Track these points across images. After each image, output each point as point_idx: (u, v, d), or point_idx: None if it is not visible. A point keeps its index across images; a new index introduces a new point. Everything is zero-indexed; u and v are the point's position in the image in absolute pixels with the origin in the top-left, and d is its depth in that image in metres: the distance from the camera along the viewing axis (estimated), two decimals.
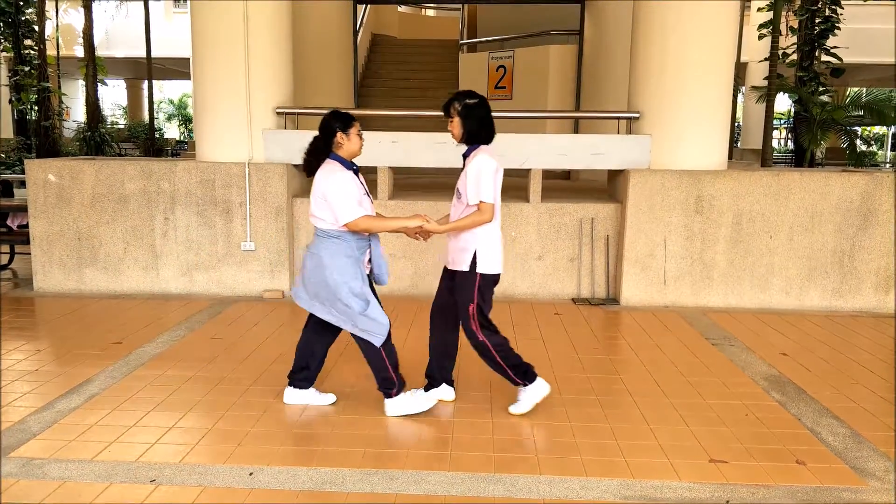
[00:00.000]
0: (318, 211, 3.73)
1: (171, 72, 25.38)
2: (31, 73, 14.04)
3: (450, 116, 3.82)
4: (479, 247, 3.76)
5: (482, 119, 3.79)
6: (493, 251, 3.81)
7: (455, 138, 3.86)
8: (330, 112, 3.83)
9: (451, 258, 3.88)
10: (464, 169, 3.82)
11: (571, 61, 10.79)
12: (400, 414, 3.89)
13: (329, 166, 3.71)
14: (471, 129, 3.78)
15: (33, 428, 3.68)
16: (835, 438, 3.71)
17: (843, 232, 6.33)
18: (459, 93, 3.88)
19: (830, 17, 11.50)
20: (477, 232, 3.76)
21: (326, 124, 3.75)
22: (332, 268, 3.72)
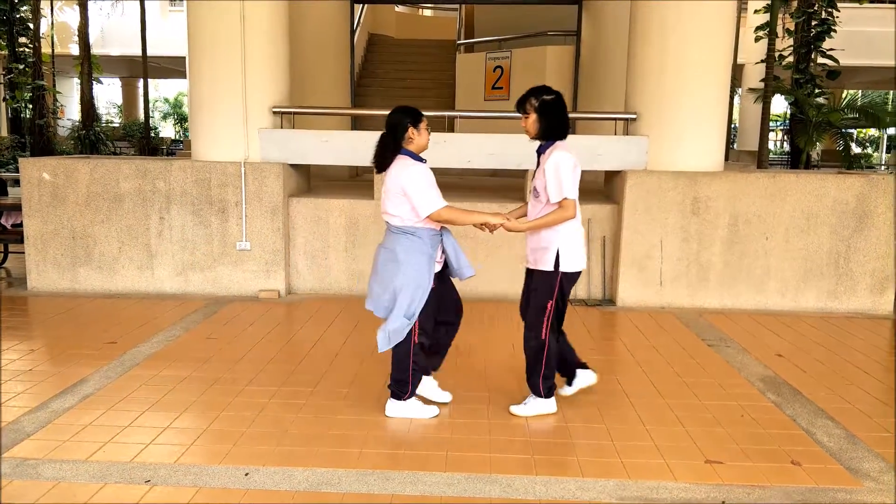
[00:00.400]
0: (392, 207, 3.70)
1: (167, 70, 25.31)
2: (26, 70, 14.01)
3: (525, 113, 3.78)
4: (561, 245, 3.73)
5: (559, 115, 3.76)
6: (575, 248, 3.78)
7: (529, 135, 3.84)
8: (398, 108, 3.82)
9: (533, 258, 3.84)
10: (539, 166, 3.80)
11: (569, 62, 10.80)
12: (398, 416, 3.87)
13: (402, 161, 3.71)
14: (548, 125, 3.75)
15: (27, 428, 3.66)
16: (830, 439, 3.71)
17: (839, 234, 6.35)
18: (535, 88, 3.82)
19: (827, 20, 11.54)
20: (559, 230, 3.73)
21: (398, 119, 3.74)
22: (407, 264, 3.68)
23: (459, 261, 3.86)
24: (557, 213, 3.68)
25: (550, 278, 3.75)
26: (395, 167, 3.70)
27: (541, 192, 3.76)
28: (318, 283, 6.76)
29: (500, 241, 6.59)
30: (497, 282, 6.63)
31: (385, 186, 3.73)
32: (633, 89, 6.69)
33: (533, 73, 11.11)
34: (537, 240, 3.80)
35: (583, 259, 3.84)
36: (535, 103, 3.74)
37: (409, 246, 3.69)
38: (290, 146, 6.61)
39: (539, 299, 3.79)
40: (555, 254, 3.72)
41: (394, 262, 3.69)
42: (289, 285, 6.73)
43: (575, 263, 3.78)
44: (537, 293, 3.80)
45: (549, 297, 3.76)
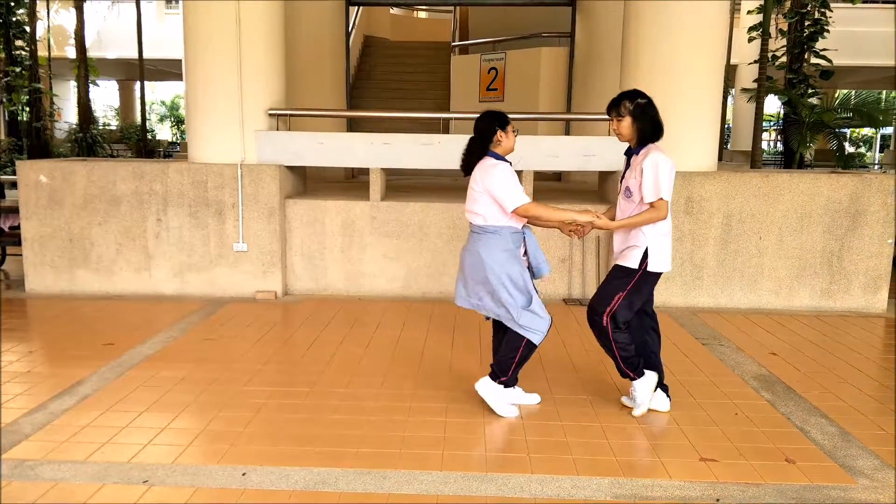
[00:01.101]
0: (476, 207, 3.80)
1: (164, 73, 25.32)
2: (23, 73, 14.01)
3: (619, 116, 3.80)
4: (650, 244, 3.75)
5: (654, 118, 3.79)
6: (665, 249, 3.80)
7: (622, 138, 3.85)
8: (486, 112, 3.88)
9: (621, 254, 3.86)
10: (629, 167, 3.83)
11: (563, 63, 10.83)
12: (486, 396, 3.93)
13: (486, 161, 3.81)
14: (643, 127, 3.76)
15: (25, 429, 3.67)
16: (824, 437, 3.74)
17: (832, 233, 6.39)
18: (628, 92, 3.85)
19: (819, 20, 11.59)
20: (650, 229, 3.75)
21: (488, 125, 3.82)
22: (490, 261, 3.78)
23: (537, 258, 3.96)
24: (650, 213, 3.69)
25: (631, 274, 3.79)
26: (479, 168, 3.82)
27: (634, 192, 3.77)
28: (315, 284, 6.78)
29: None
30: None
31: (469, 187, 3.84)
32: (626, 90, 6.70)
33: (527, 74, 11.15)
34: (627, 238, 3.82)
35: (669, 261, 3.88)
36: (630, 106, 3.77)
37: (492, 244, 3.80)
38: (286, 148, 6.63)
39: (610, 290, 3.83)
40: (643, 252, 3.75)
41: (479, 263, 3.82)
42: (286, 286, 6.75)
43: (662, 264, 3.82)
44: (610, 284, 3.85)
45: (622, 289, 3.79)
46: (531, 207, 3.73)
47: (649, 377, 3.94)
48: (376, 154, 6.66)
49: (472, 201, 3.83)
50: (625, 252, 3.84)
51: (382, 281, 6.74)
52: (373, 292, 6.75)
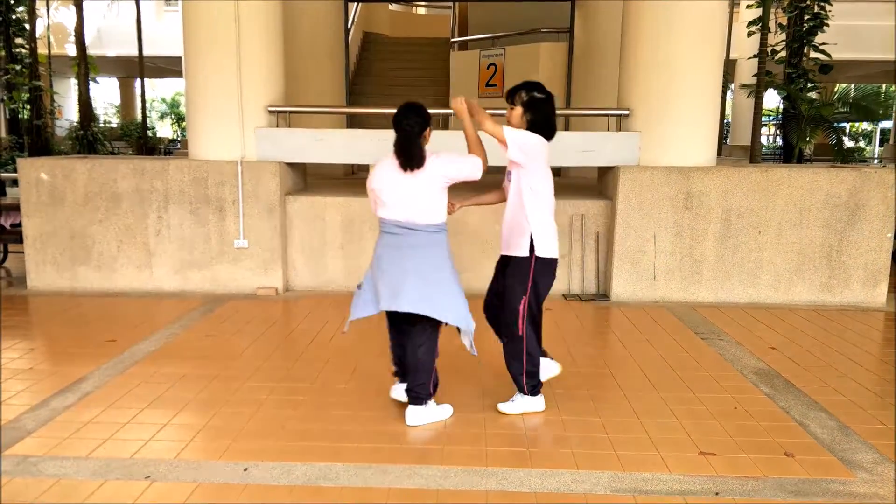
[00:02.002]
0: (430, 204, 3.68)
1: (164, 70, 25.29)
2: (23, 71, 13.99)
3: (513, 104, 3.77)
4: (534, 230, 3.72)
5: (548, 116, 3.76)
6: (549, 234, 3.78)
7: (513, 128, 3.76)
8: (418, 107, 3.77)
9: (508, 245, 3.85)
10: None
11: (562, 59, 10.82)
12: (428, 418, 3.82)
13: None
14: (533, 121, 3.72)
15: (28, 426, 3.69)
16: (823, 431, 3.76)
17: (832, 227, 6.40)
18: (529, 82, 3.81)
19: (819, 14, 11.58)
20: (532, 216, 3.71)
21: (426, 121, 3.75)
22: (447, 260, 3.75)
23: None
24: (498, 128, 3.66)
25: (525, 267, 3.75)
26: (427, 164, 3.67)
27: (514, 176, 3.78)
28: (315, 280, 6.80)
29: (495, 238, 6.61)
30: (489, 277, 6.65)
31: (411, 188, 3.63)
32: (625, 85, 6.73)
33: (526, 70, 11.12)
34: (512, 228, 3.80)
35: (556, 248, 3.82)
36: (525, 97, 3.73)
37: (443, 241, 3.77)
38: (286, 145, 6.64)
39: (513, 300, 3.78)
40: (528, 238, 3.73)
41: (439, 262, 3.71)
42: (286, 282, 6.76)
43: (549, 250, 3.77)
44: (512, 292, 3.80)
45: (524, 293, 3.75)
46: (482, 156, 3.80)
47: (538, 402, 3.92)
48: (376, 150, 6.66)
49: (427, 199, 3.65)
50: (510, 242, 3.81)
51: None
52: None
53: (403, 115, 3.68)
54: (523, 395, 3.92)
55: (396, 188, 3.64)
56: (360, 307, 3.74)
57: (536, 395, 3.92)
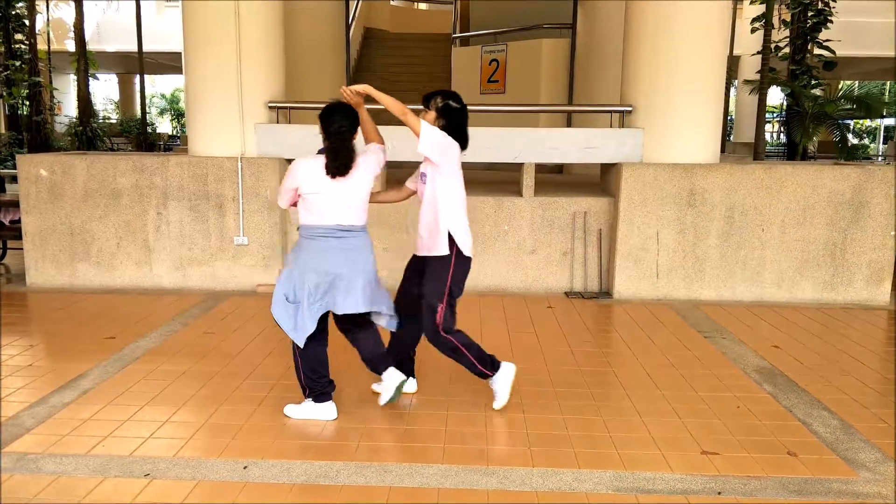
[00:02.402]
0: (363, 205, 3.71)
1: (163, 66, 25.28)
2: (22, 67, 13.97)
3: (427, 108, 3.81)
4: (451, 227, 3.74)
5: (461, 125, 3.81)
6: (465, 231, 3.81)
7: None
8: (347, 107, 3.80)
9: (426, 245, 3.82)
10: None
11: (564, 55, 10.78)
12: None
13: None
14: (446, 128, 3.75)
15: (27, 423, 3.68)
16: (826, 430, 3.73)
17: (835, 225, 6.37)
18: (447, 91, 3.87)
19: (823, 11, 11.53)
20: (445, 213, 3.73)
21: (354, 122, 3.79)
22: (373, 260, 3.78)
23: None
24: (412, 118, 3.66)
25: (445, 265, 3.75)
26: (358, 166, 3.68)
27: (428, 175, 3.78)
28: None
29: (497, 235, 6.61)
30: (491, 275, 6.65)
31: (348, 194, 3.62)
32: (628, 82, 6.70)
33: (528, 66, 11.10)
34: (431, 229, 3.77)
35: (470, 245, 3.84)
36: (440, 103, 3.77)
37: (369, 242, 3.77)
38: (286, 141, 6.62)
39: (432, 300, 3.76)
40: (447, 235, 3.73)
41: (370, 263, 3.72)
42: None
43: (467, 247, 3.80)
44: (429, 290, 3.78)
45: (442, 291, 3.75)
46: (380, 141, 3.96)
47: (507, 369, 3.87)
48: None
49: (361, 200, 3.67)
50: (430, 243, 3.78)
51: (382, 273, 6.66)
52: None
53: (335, 117, 3.64)
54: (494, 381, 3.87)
55: (332, 195, 3.59)
56: (309, 321, 3.59)
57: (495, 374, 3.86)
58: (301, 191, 3.61)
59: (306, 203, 3.62)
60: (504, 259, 6.64)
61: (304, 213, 3.65)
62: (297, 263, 3.64)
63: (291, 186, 3.64)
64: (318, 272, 3.58)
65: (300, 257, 3.64)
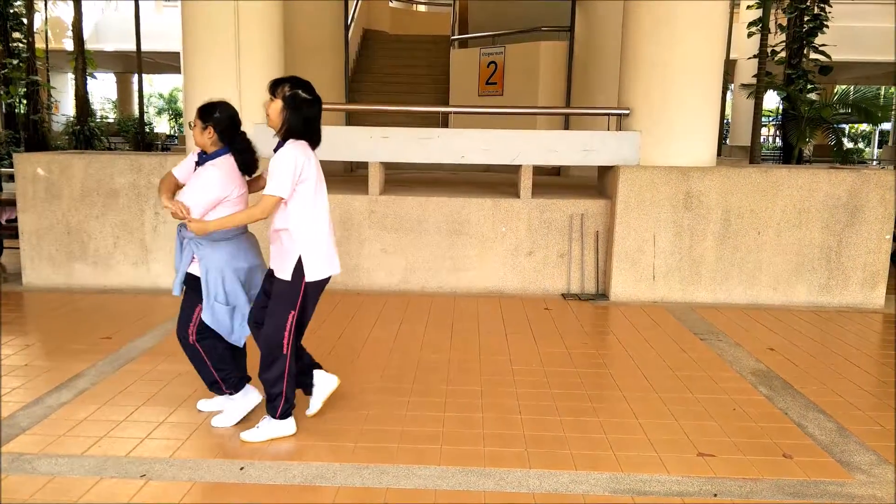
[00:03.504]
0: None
1: (162, 66, 25.25)
2: (20, 66, 13.96)
3: (273, 96, 3.32)
4: (304, 251, 3.38)
5: (308, 118, 3.33)
6: (322, 252, 3.45)
7: (270, 123, 3.36)
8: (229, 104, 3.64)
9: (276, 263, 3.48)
10: None
11: (562, 58, 10.81)
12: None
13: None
14: (291, 120, 3.30)
15: (23, 423, 3.67)
16: (821, 432, 3.75)
17: (831, 228, 6.39)
18: (296, 79, 3.35)
19: (819, 15, 11.58)
20: (300, 234, 3.37)
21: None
22: None
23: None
24: (252, 210, 3.33)
25: (294, 290, 3.42)
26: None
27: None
28: None
29: (495, 237, 6.62)
30: (489, 277, 6.66)
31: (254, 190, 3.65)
32: (625, 85, 6.71)
33: (526, 68, 11.12)
34: (280, 245, 3.43)
35: (333, 263, 3.54)
36: (287, 92, 3.27)
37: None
38: None
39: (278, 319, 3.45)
40: (296, 261, 3.38)
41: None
42: None
43: (321, 270, 3.47)
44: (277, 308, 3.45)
45: (292, 307, 3.44)
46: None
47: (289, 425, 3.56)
48: (375, 148, 6.65)
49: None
50: (278, 262, 3.44)
51: (381, 275, 6.73)
52: (371, 286, 6.74)
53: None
54: (271, 420, 3.54)
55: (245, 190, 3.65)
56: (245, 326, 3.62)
57: (287, 419, 3.55)
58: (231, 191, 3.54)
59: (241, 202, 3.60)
60: (501, 261, 6.65)
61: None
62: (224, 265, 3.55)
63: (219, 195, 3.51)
64: (241, 270, 3.62)
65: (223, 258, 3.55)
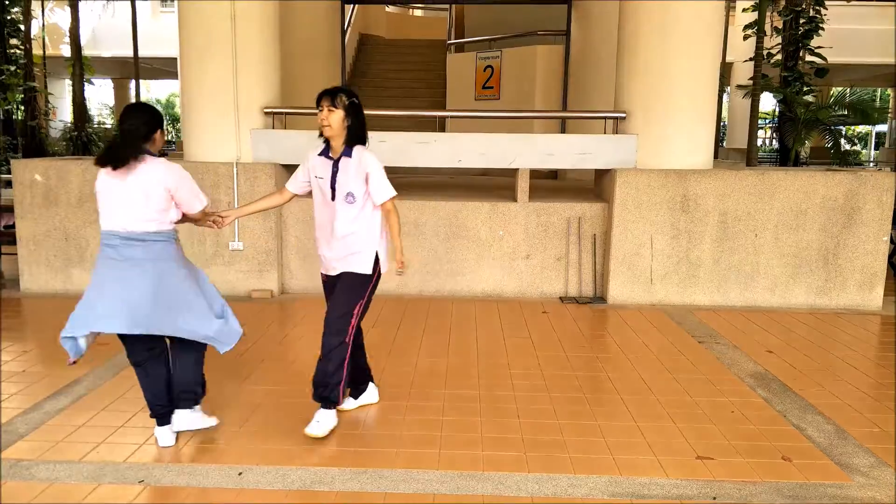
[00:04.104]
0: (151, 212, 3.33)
1: (159, 71, 25.23)
2: (17, 72, 13.94)
3: (333, 107, 3.61)
4: (379, 247, 3.72)
5: (364, 122, 3.72)
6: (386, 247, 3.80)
7: (330, 132, 3.63)
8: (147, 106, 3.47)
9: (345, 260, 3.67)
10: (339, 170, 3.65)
11: (558, 61, 10.83)
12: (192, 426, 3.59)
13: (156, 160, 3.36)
14: (353, 127, 3.65)
15: (20, 429, 3.66)
16: (820, 434, 3.75)
17: (828, 230, 6.40)
18: (346, 88, 3.74)
19: (814, 18, 11.63)
20: (377, 231, 3.72)
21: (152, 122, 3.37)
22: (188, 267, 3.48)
23: None
24: (396, 214, 3.74)
25: (366, 282, 3.66)
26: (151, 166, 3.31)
27: (359, 197, 3.63)
28: (311, 283, 6.77)
29: (492, 240, 6.62)
30: (486, 280, 6.66)
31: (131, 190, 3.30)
32: (622, 88, 6.72)
33: (523, 72, 11.15)
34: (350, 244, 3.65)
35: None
36: (346, 101, 3.62)
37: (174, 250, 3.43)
38: (281, 146, 6.62)
39: (346, 307, 3.61)
40: (374, 256, 3.69)
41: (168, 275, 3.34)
42: (282, 285, 6.74)
43: (386, 263, 3.79)
44: (345, 297, 3.62)
45: (361, 299, 3.66)
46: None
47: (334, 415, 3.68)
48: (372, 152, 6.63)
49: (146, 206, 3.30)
50: (350, 258, 3.65)
51: None
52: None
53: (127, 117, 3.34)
54: (326, 411, 3.64)
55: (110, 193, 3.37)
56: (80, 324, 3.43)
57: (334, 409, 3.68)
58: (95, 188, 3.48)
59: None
60: (499, 264, 6.65)
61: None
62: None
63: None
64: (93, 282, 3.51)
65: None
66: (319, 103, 3.64)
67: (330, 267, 3.77)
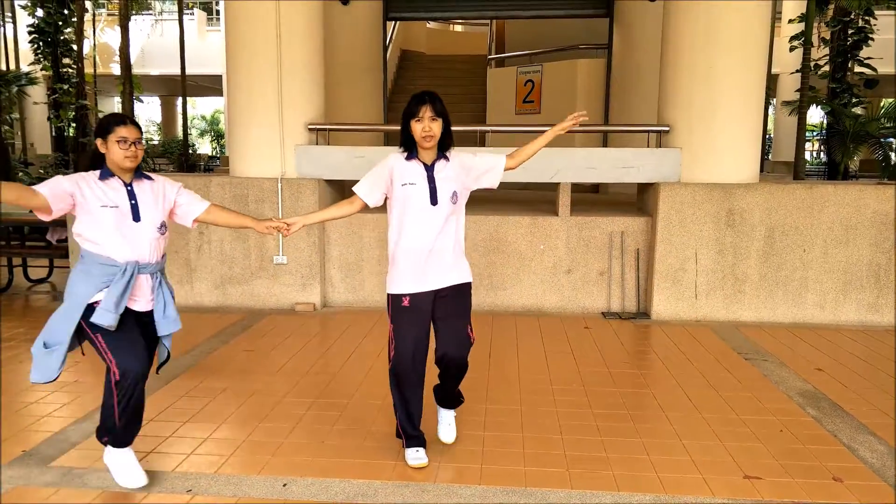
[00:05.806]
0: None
1: (204, 88, 25.83)
2: (70, 90, 14.40)
3: (437, 115, 3.40)
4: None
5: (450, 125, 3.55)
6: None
7: (433, 141, 3.41)
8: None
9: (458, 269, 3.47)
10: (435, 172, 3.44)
11: (600, 75, 10.79)
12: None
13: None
14: (447, 133, 3.47)
15: (73, 438, 3.76)
16: (872, 455, 3.65)
17: (879, 246, 6.24)
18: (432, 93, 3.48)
19: (863, 28, 11.40)
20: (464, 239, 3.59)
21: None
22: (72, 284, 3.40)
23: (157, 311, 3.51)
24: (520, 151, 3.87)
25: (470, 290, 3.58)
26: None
27: (461, 196, 3.50)
28: (353, 296, 6.83)
29: (532, 254, 6.60)
30: (527, 295, 6.64)
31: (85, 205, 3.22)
32: (665, 101, 6.67)
33: (564, 86, 11.13)
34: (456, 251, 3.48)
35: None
36: (441, 109, 3.42)
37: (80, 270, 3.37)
38: (324, 162, 6.71)
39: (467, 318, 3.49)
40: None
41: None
42: (324, 298, 6.81)
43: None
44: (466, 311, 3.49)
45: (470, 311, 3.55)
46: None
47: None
48: None
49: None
50: (461, 264, 3.49)
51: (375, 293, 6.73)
52: (366, 301, 6.75)
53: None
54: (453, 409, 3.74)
55: None
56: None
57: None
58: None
59: None
60: (540, 279, 6.63)
61: None
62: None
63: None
64: None
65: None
66: (417, 112, 3.36)
67: (427, 281, 3.37)
